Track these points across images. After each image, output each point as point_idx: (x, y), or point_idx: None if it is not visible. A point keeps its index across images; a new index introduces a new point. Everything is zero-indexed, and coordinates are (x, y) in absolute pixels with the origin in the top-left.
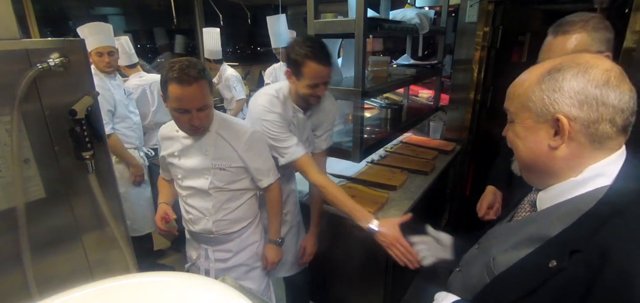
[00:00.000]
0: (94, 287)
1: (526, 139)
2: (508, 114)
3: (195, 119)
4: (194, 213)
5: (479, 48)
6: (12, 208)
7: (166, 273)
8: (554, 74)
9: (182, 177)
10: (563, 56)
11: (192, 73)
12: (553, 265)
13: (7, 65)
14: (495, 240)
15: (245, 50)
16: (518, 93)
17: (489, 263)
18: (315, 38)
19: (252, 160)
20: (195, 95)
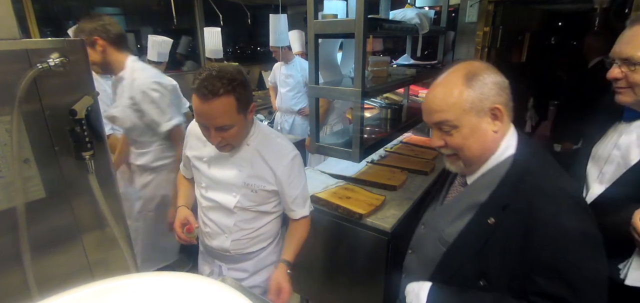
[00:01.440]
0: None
1: (475, 135)
2: (442, 126)
3: (213, 137)
4: (212, 227)
5: (479, 48)
6: (12, 208)
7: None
8: (475, 76)
9: (206, 187)
10: (457, 64)
11: (213, 87)
12: (492, 221)
13: (7, 65)
14: (439, 217)
15: (245, 50)
16: (453, 102)
17: (441, 236)
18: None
19: (290, 187)
20: (213, 113)
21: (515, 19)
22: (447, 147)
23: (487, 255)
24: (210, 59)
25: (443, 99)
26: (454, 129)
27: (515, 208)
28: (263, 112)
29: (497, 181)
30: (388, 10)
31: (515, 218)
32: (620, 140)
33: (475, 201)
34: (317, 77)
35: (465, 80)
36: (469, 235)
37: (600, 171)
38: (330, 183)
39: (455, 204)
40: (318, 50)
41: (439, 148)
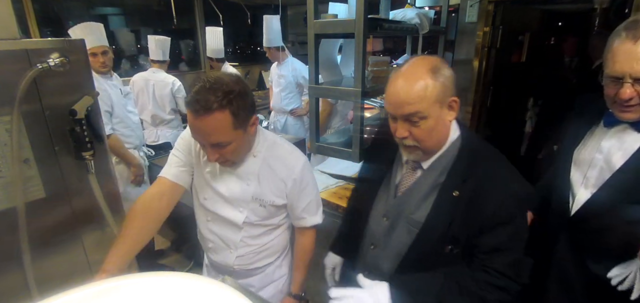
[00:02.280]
0: (94, 287)
1: (438, 125)
2: (411, 118)
3: (209, 154)
4: (216, 242)
5: (479, 48)
6: (12, 208)
7: (166, 273)
8: (438, 70)
9: (209, 199)
10: (416, 59)
11: (206, 102)
12: (456, 194)
13: (7, 65)
14: (403, 205)
15: (245, 50)
16: (423, 95)
17: (410, 220)
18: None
19: (302, 198)
20: (206, 130)
21: (515, 19)
22: (410, 137)
23: (453, 224)
24: (211, 59)
25: (414, 92)
26: (422, 120)
27: (473, 180)
28: (263, 112)
29: (452, 161)
30: (388, 10)
31: (474, 187)
32: (602, 144)
33: (436, 181)
34: (317, 77)
35: (431, 74)
36: (438, 211)
37: (584, 176)
38: (330, 183)
39: (416, 189)
40: (318, 50)
41: (403, 139)
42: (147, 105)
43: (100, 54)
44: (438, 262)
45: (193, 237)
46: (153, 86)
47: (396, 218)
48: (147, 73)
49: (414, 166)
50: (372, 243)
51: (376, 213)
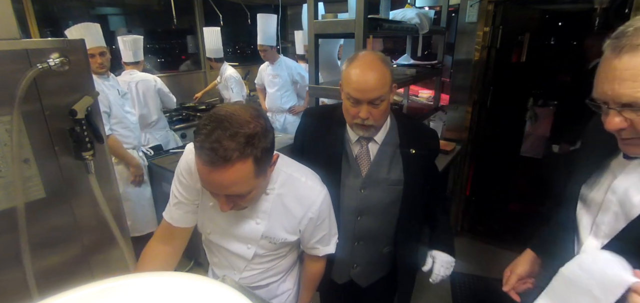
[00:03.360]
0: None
1: (387, 108)
2: (375, 101)
3: (222, 205)
4: (221, 261)
5: (479, 48)
6: (12, 208)
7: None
8: (386, 61)
9: (214, 235)
10: (361, 52)
11: (224, 152)
12: (413, 151)
13: (7, 65)
14: (375, 174)
15: (245, 50)
16: (385, 81)
17: (391, 182)
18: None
19: (316, 233)
20: (224, 183)
21: (515, 19)
22: (371, 118)
23: (424, 171)
24: (210, 59)
25: (379, 80)
26: (382, 101)
27: (416, 137)
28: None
29: (396, 127)
30: (388, 10)
31: (419, 142)
32: (616, 183)
33: (394, 145)
34: (317, 77)
35: (384, 64)
36: (410, 165)
37: (593, 221)
38: None
39: (382, 157)
40: (318, 50)
41: (365, 119)
42: (133, 109)
43: (98, 55)
44: (424, 204)
45: (193, 237)
46: (136, 86)
47: (373, 187)
48: (124, 76)
49: (367, 141)
50: (357, 214)
51: (348, 188)
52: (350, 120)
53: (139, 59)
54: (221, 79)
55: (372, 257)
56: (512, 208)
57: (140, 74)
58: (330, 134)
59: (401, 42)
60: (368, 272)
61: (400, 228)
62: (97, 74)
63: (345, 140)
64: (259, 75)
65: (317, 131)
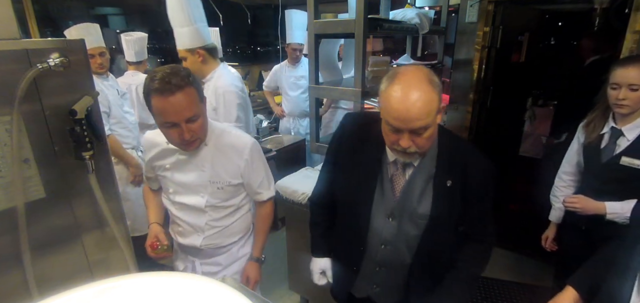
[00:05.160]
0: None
1: (433, 133)
2: (418, 131)
3: (185, 133)
4: (184, 227)
5: (479, 48)
6: (12, 208)
7: (166, 273)
8: (433, 82)
9: (173, 192)
10: (403, 68)
11: (174, 81)
12: (450, 183)
13: (7, 65)
14: (406, 204)
15: (245, 50)
16: (430, 110)
17: (416, 214)
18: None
19: (254, 175)
20: (181, 106)
21: (515, 19)
22: (413, 146)
23: (453, 211)
24: None
25: (425, 108)
26: (425, 130)
27: (457, 167)
28: (263, 112)
29: (436, 154)
30: (388, 10)
31: (460, 173)
32: None
33: (428, 174)
34: (317, 77)
35: (431, 87)
36: (439, 203)
37: None
38: None
39: (413, 185)
40: (318, 50)
41: (407, 148)
42: (132, 109)
43: (98, 55)
44: (449, 243)
45: None
46: (136, 89)
47: (401, 216)
48: (126, 77)
49: (405, 164)
50: (382, 242)
51: (377, 213)
52: (389, 144)
53: (142, 59)
54: None
55: (393, 283)
56: (512, 208)
57: (142, 77)
58: (368, 148)
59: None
60: (387, 293)
61: (414, 272)
62: (97, 74)
63: (382, 159)
64: (272, 77)
65: (354, 141)
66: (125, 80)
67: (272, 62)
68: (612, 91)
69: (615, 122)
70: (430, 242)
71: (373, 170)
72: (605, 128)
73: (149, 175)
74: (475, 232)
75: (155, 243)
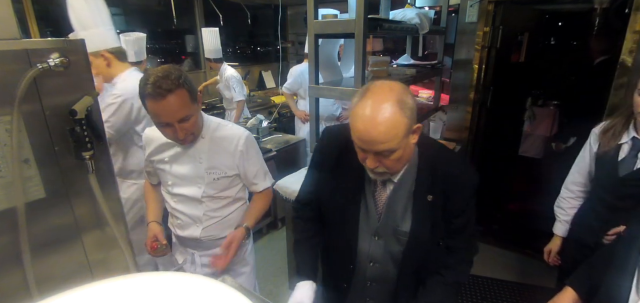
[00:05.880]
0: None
1: (405, 152)
2: (383, 153)
3: (179, 132)
4: (182, 219)
5: (479, 48)
6: (12, 208)
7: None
8: (404, 104)
9: (172, 184)
10: (374, 85)
11: (165, 85)
12: (430, 198)
13: (7, 65)
14: (389, 222)
15: (245, 50)
16: (395, 133)
17: (398, 233)
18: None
19: (248, 166)
20: (173, 108)
21: (515, 19)
22: (381, 166)
23: (435, 227)
24: (209, 60)
25: (387, 133)
26: (391, 153)
27: (438, 181)
28: (263, 112)
29: (415, 169)
30: (388, 10)
31: (441, 187)
32: None
33: (408, 191)
34: (317, 77)
35: (399, 109)
36: (420, 219)
37: None
38: None
39: (394, 202)
40: (318, 50)
41: (373, 169)
42: None
43: None
44: (432, 256)
45: None
46: None
47: (386, 235)
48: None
49: (384, 181)
50: (370, 260)
51: (363, 232)
52: (360, 160)
53: (142, 59)
54: (221, 79)
55: (385, 296)
56: (512, 208)
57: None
58: (349, 164)
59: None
60: None
61: (401, 286)
62: None
63: (364, 175)
64: (296, 80)
65: (335, 157)
66: None
67: (272, 62)
68: (639, 98)
69: (637, 132)
70: (413, 258)
71: (356, 188)
72: (625, 137)
73: (149, 170)
74: (457, 243)
75: (155, 243)
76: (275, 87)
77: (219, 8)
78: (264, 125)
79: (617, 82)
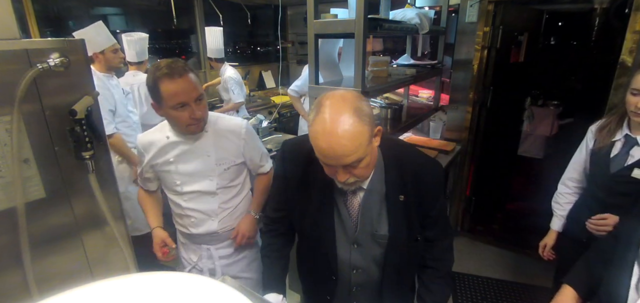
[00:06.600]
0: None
1: (372, 157)
2: (352, 164)
3: (196, 111)
4: (197, 216)
5: (479, 48)
6: (12, 208)
7: (166, 273)
8: (361, 111)
9: (181, 183)
10: (326, 99)
11: (179, 68)
12: (402, 198)
13: (7, 65)
14: (365, 227)
15: (245, 50)
16: (359, 143)
17: (377, 237)
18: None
19: (254, 151)
20: (190, 86)
21: (515, 19)
22: (351, 177)
23: (412, 224)
24: (211, 59)
25: (350, 145)
26: (359, 162)
27: (408, 178)
28: (263, 112)
29: (382, 171)
30: (388, 10)
31: (411, 185)
32: None
33: (380, 194)
34: (317, 77)
35: (358, 117)
36: (395, 221)
37: None
38: None
39: (367, 208)
40: (318, 50)
41: (345, 181)
42: (135, 109)
43: (119, 51)
44: (413, 252)
45: None
46: (138, 88)
47: (365, 241)
48: (127, 77)
49: (356, 190)
50: (353, 268)
51: (341, 242)
52: (329, 175)
53: (143, 59)
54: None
55: (372, 297)
56: (512, 208)
57: (143, 76)
58: (316, 176)
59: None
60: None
61: (385, 285)
62: (103, 73)
63: (333, 185)
64: (306, 82)
65: (300, 171)
66: (126, 80)
67: (272, 62)
68: (632, 97)
69: (630, 130)
70: (395, 257)
71: (326, 198)
72: (618, 135)
73: (148, 176)
74: (436, 233)
75: (165, 249)
76: (275, 87)
77: (219, 8)
78: (264, 125)
79: (617, 82)
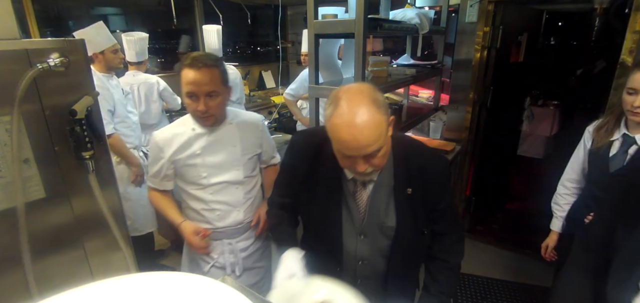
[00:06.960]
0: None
1: (387, 149)
2: (372, 154)
3: (201, 104)
4: (222, 209)
5: (479, 48)
6: (12, 208)
7: (166, 273)
8: (377, 100)
9: (207, 175)
10: (344, 92)
11: (203, 60)
12: (410, 191)
13: (7, 65)
14: (373, 219)
15: (245, 50)
16: (379, 133)
17: (384, 229)
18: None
19: (268, 143)
20: (204, 80)
21: (515, 19)
22: (370, 167)
23: (418, 217)
24: None
25: (372, 134)
26: (379, 150)
27: (415, 173)
28: (263, 112)
29: (392, 164)
30: (388, 10)
31: (418, 179)
32: None
33: (389, 186)
34: (317, 77)
35: (376, 107)
36: (402, 213)
37: None
38: None
39: (376, 200)
40: (318, 50)
41: (364, 171)
42: (135, 109)
43: (119, 51)
44: (420, 244)
45: None
46: (138, 88)
47: (372, 232)
48: (127, 77)
49: (362, 182)
50: (359, 259)
51: (348, 233)
52: (345, 168)
53: (143, 59)
54: None
55: (376, 289)
56: (512, 208)
57: (143, 76)
58: (325, 168)
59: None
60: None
61: (390, 277)
62: (103, 73)
63: (341, 177)
64: (302, 85)
65: (309, 163)
66: (126, 80)
67: (272, 62)
68: (628, 96)
69: (627, 129)
70: (401, 249)
71: (335, 190)
72: (616, 134)
73: (168, 173)
74: (445, 226)
75: (205, 232)
76: (275, 87)
77: (219, 8)
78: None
79: (617, 82)
